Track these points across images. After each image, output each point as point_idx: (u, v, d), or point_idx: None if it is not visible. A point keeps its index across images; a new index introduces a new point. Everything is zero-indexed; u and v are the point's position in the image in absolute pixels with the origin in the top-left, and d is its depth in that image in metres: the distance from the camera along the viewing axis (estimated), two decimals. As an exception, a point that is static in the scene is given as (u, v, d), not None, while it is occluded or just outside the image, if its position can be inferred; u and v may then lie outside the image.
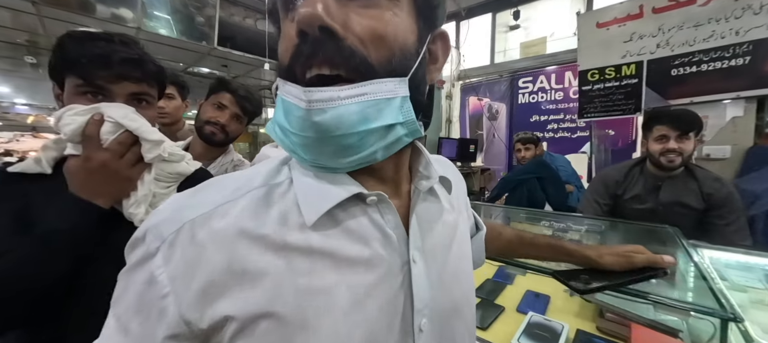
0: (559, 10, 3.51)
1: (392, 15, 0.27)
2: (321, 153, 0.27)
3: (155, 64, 0.60)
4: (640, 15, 2.52)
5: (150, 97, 0.60)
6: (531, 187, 1.95)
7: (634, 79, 2.57)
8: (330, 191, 0.28)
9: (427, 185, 0.34)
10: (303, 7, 0.24)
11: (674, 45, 2.39)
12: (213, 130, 0.98)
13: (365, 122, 0.25)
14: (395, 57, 0.27)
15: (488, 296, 0.98)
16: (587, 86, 2.78)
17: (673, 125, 1.19)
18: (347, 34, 0.25)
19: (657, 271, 0.52)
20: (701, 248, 0.96)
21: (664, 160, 1.20)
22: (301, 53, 0.25)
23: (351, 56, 0.25)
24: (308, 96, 0.24)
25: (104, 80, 0.53)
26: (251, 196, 0.29)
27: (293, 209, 0.29)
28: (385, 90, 0.26)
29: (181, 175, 0.65)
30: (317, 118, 0.24)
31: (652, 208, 1.28)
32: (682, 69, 2.37)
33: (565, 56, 3.28)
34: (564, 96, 3.39)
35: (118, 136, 0.51)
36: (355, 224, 0.29)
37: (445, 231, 0.37)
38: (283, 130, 0.28)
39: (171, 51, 3.55)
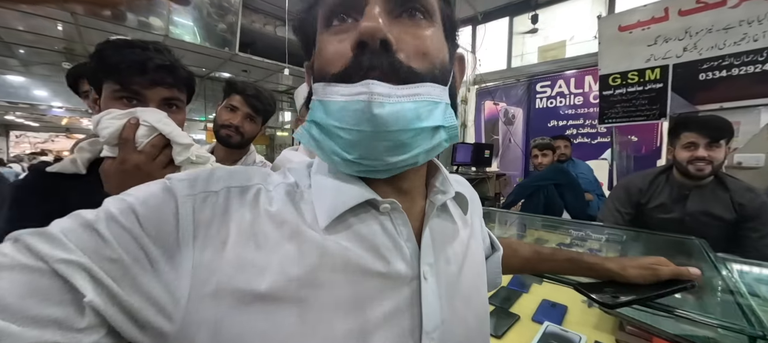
0: (579, 14, 3.44)
1: (433, 32, 0.30)
2: (372, 149, 0.27)
3: (185, 71, 0.63)
4: (666, 18, 2.43)
5: (180, 102, 0.63)
6: (548, 194, 1.90)
7: (659, 84, 2.47)
8: (344, 196, 0.30)
9: (442, 198, 0.35)
10: (366, 21, 0.27)
11: (702, 48, 2.29)
12: (228, 132, 1.02)
13: (418, 120, 0.27)
14: (437, 69, 0.30)
15: (503, 304, 0.97)
16: (608, 91, 2.70)
17: (703, 132, 1.14)
18: (400, 47, 0.28)
19: (685, 284, 0.50)
20: (730, 262, 0.91)
21: (692, 169, 1.15)
22: (361, 64, 0.27)
23: (401, 67, 0.27)
24: (370, 88, 0.26)
25: (140, 86, 0.57)
26: (278, 186, 0.31)
27: (310, 210, 0.30)
28: (434, 93, 0.29)
29: None
30: (377, 110, 0.25)
31: (679, 218, 1.23)
32: (711, 73, 2.27)
33: (585, 60, 3.21)
34: (584, 101, 3.30)
35: (152, 140, 0.53)
36: (367, 230, 0.30)
37: (459, 251, 0.36)
38: (325, 130, 0.29)
39: (195, 57, 3.71)
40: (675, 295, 0.50)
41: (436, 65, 0.30)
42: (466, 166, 3.52)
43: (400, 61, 0.27)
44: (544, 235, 1.54)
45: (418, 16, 0.30)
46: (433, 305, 0.31)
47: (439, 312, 0.31)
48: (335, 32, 0.30)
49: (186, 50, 3.47)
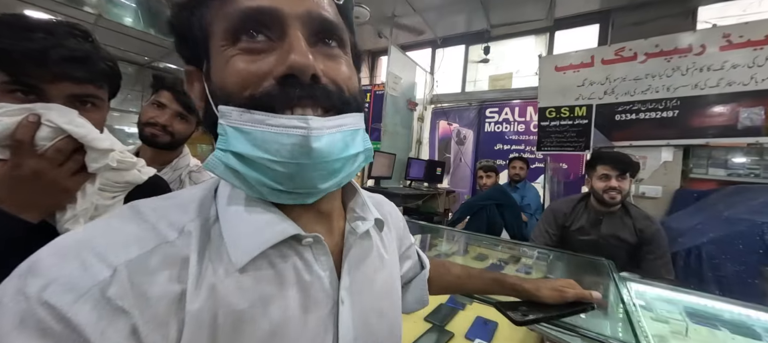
0: (524, 50, 3.82)
1: (347, 63, 0.32)
2: (306, 180, 0.27)
3: (107, 63, 0.53)
4: (591, 64, 2.81)
5: (97, 99, 0.52)
6: (491, 213, 2.03)
7: (585, 120, 2.83)
8: (264, 231, 0.28)
9: (363, 227, 0.35)
10: (297, 55, 0.26)
11: (618, 94, 2.69)
12: (153, 131, 0.90)
13: (346, 149, 0.29)
14: (356, 97, 0.31)
15: (441, 322, 0.99)
16: (545, 122, 3.02)
17: (614, 166, 1.32)
18: (326, 80, 0.29)
19: (586, 306, 0.56)
20: (630, 281, 1.05)
21: (607, 197, 1.33)
22: (289, 95, 0.26)
23: (330, 97, 0.28)
24: (309, 124, 0.26)
25: (38, 79, 0.46)
26: (188, 234, 0.27)
27: (222, 250, 0.27)
28: (354, 122, 0.30)
29: (130, 184, 0.59)
30: (316, 144, 0.26)
31: (595, 240, 1.40)
32: (624, 115, 2.67)
33: (528, 92, 3.55)
34: (525, 128, 3.64)
35: (57, 143, 0.44)
36: (288, 267, 0.29)
37: (373, 268, 0.37)
38: (250, 162, 0.26)
39: (135, 43, 3.35)
40: (582, 314, 0.56)
41: (354, 94, 0.31)
42: (419, 182, 3.63)
43: (327, 94, 0.28)
44: (485, 251, 1.64)
45: (333, 45, 0.30)
46: (347, 326, 0.32)
47: (352, 330, 0.32)
48: (246, 50, 0.27)
49: (124, 35, 3.12)
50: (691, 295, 1.10)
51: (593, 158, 1.43)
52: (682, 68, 2.44)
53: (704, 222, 1.68)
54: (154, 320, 0.23)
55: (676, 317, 1.00)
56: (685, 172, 2.48)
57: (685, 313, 1.03)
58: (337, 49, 0.31)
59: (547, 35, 3.64)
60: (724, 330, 0.96)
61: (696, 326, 0.95)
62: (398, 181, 3.61)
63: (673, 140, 2.47)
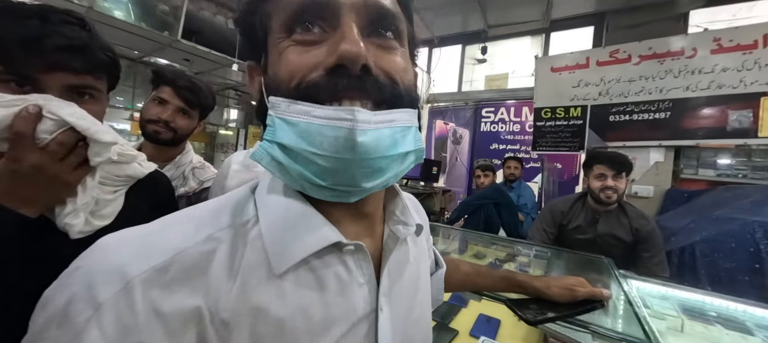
0: (520, 51, 3.86)
1: (403, 54, 0.30)
2: (350, 176, 0.26)
3: (106, 53, 0.51)
4: (587, 65, 2.86)
5: (95, 91, 0.50)
6: (488, 212, 2.05)
7: (580, 121, 2.88)
8: (306, 238, 0.27)
9: (404, 233, 0.34)
10: (348, 44, 0.25)
11: (612, 95, 2.74)
12: (156, 128, 0.88)
13: (395, 147, 0.27)
14: (410, 91, 0.29)
15: (443, 320, 1.00)
16: (541, 122, 3.06)
17: (610, 165, 1.35)
18: (378, 70, 0.27)
19: (596, 303, 0.57)
20: (629, 279, 1.07)
21: (603, 196, 1.35)
22: (336, 85, 0.25)
23: (382, 90, 0.27)
24: (356, 116, 0.24)
25: (33, 69, 0.44)
26: (217, 240, 0.26)
27: (261, 256, 0.26)
28: (407, 119, 0.28)
29: (132, 178, 0.57)
30: (361, 138, 0.24)
31: (592, 238, 1.42)
32: (618, 116, 2.71)
33: (523, 93, 3.58)
34: (520, 128, 3.68)
35: (59, 136, 0.42)
36: (329, 274, 0.28)
37: (412, 277, 0.37)
38: (294, 154, 0.25)
39: (126, 36, 3.26)
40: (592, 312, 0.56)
41: (408, 89, 0.29)
42: (415, 181, 3.63)
43: (379, 85, 0.27)
44: (483, 250, 1.65)
45: (389, 36, 0.29)
46: (386, 334, 0.31)
47: (390, 338, 0.31)
48: (299, 42, 0.27)
49: (115, 28, 3.04)
50: (686, 291, 1.13)
51: (590, 158, 1.45)
52: (675, 71, 2.49)
53: (696, 221, 1.73)
54: (165, 336, 0.22)
55: (672, 313, 1.02)
56: (675, 172, 2.54)
57: (680, 309, 1.05)
58: (393, 40, 0.29)
59: (542, 36, 3.68)
60: (717, 325, 0.99)
61: (691, 322, 0.98)
62: (394, 179, 3.61)
63: (665, 141, 2.52)
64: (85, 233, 0.48)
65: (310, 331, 0.26)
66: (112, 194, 0.54)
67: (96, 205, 0.51)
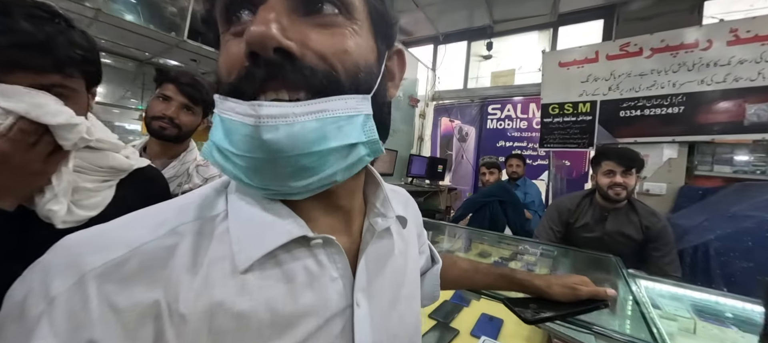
0: (527, 46, 3.79)
1: (352, 32, 0.26)
2: (272, 177, 0.24)
3: (77, 49, 0.46)
4: (596, 59, 2.78)
5: (67, 90, 0.47)
6: (493, 210, 2.01)
7: (589, 117, 2.81)
8: (268, 232, 0.26)
9: (383, 224, 0.32)
10: (254, 25, 0.22)
11: (623, 89, 2.66)
12: (161, 124, 0.90)
13: (324, 141, 0.23)
14: (360, 73, 0.26)
15: (445, 319, 0.98)
16: (548, 118, 3.00)
17: (619, 162, 1.30)
18: (305, 52, 0.24)
19: (599, 303, 0.54)
20: (638, 278, 1.04)
21: (611, 193, 1.31)
22: (254, 76, 0.23)
23: (312, 75, 0.23)
24: (257, 111, 0.22)
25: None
26: (180, 235, 0.25)
27: (226, 250, 0.25)
28: (346, 107, 0.24)
29: (118, 169, 0.56)
30: (268, 135, 0.22)
31: (599, 236, 1.38)
32: (629, 111, 2.64)
33: (530, 89, 3.52)
34: (528, 125, 3.61)
35: (19, 123, 0.40)
36: (298, 267, 0.27)
37: (397, 271, 0.35)
38: (224, 154, 0.24)
39: (135, 38, 3.32)
40: (594, 311, 0.54)
41: (358, 68, 0.25)
42: (421, 179, 3.61)
43: (306, 71, 0.23)
44: (488, 248, 1.62)
45: (330, 10, 0.25)
46: (364, 331, 0.29)
47: (370, 335, 0.30)
48: (234, 33, 0.25)
49: (124, 30, 3.09)
50: (699, 292, 1.09)
51: (598, 154, 1.41)
52: (688, 63, 2.41)
53: (711, 219, 1.66)
54: (119, 331, 0.21)
55: (684, 314, 0.98)
56: (689, 169, 2.46)
57: (693, 310, 1.01)
58: (337, 16, 0.25)
59: (550, 31, 3.60)
60: (733, 328, 0.95)
61: (704, 323, 0.94)
62: (399, 178, 3.59)
63: (678, 137, 2.45)
64: (70, 223, 0.48)
65: (275, 324, 0.25)
66: (96, 183, 0.53)
67: (78, 194, 0.50)
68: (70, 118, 0.43)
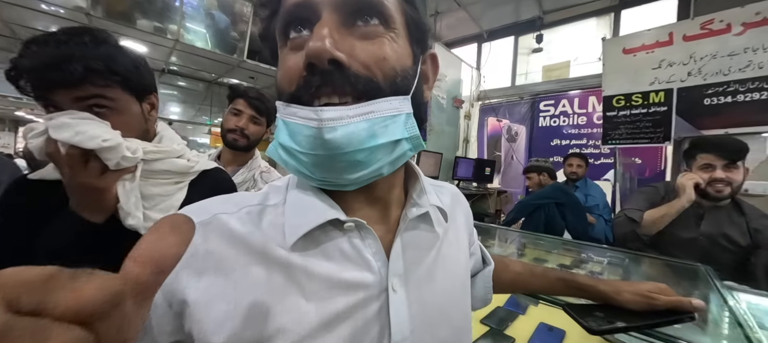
0: (583, 35, 3.47)
1: (390, 40, 0.29)
2: (331, 170, 0.28)
3: (101, 62, 0.49)
4: (670, 42, 2.44)
5: (107, 100, 0.51)
6: (550, 212, 1.86)
7: (663, 107, 2.46)
8: (309, 215, 0.30)
9: (416, 212, 0.34)
10: (313, 41, 0.26)
11: (707, 74, 2.29)
12: (234, 136, 1.05)
13: (373, 138, 0.27)
14: (398, 77, 0.29)
15: (499, 326, 0.93)
16: (612, 112, 2.69)
17: (719, 154, 1.11)
18: (352, 62, 0.27)
19: (682, 315, 0.47)
20: (737, 291, 0.87)
21: (711, 191, 1.12)
22: (310, 84, 0.27)
23: (357, 82, 0.27)
24: (320, 115, 0.26)
25: (39, 91, 0.47)
26: (246, 211, 0.31)
27: (279, 228, 0.30)
28: (390, 108, 0.28)
29: (185, 172, 0.63)
30: (328, 135, 0.26)
31: (693, 237, 1.18)
32: (716, 98, 2.26)
33: (589, 81, 3.22)
34: (587, 121, 3.30)
35: (68, 149, 0.45)
36: (333, 247, 0.30)
37: (437, 263, 0.36)
38: (289, 151, 0.29)
39: (205, 62, 3.78)
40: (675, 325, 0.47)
41: (396, 73, 0.29)
42: (468, 181, 3.50)
43: (352, 78, 0.27)
44: (544, 254, 1.51)
45: (373, 22, 0.29)
46: (402, 315, 0.31)
47: (408, 322, 0.31)
48: (291, 47, 0.29)
49: (197, 56, 3.54)
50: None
51: (692, 146, 1.22)
52: (797, 37, 1.99)
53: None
54: (207, 266, 0.27)
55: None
56: (805, 163, 2.02)
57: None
58: (378, 26, 0.29)
59: (611, 16, 3.27)
60: None
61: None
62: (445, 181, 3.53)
63: (787, 125, 2.03)
64: None
65: (315, 293, 0.28)
66: (165, 186, 0.60)
67: (151, 200, 0.57)
68: (100, 144, 0.46)
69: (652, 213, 1.23)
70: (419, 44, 0.33)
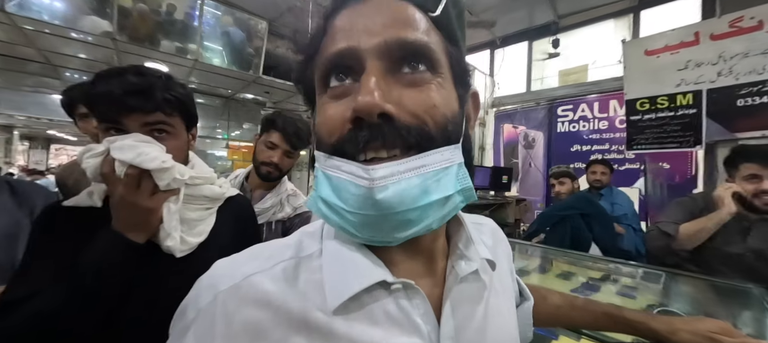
0: (601, 37, 3.38)
1: (437, 85, 0.27)
2: (379, 230, 0.26)
3: (172, 93, 0.57)
4: (696, 42, 2.34)
5: (168, 126, 0.58)
6: (575, 224, 1.78)
7: (693, 110, 2.35)
8: (355, 276, 0.28)
9: (466, 269, 0.31)
10: (362, 95, 0.25)
11: (739, 73, 2.17)
12: (269, 170, 1.04)
13: (426, 195, 0.25)
14: (448, 125, 0.27)
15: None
16: (636, 116, 2.59)
17: (766, 163, 1.04)
18: (401, 113, 0.26)
19: None
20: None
21: (758, 203, 1.06)
22: (358, 139, 0.25)
23: (408, 134, 0.25)
24: (371, 174, 0.24)
25: (116, 114, 0.53)
26: (281, 267, 0.29)
27: (318, 287, 0.28)
28: (442, 159, 0.26)
29: (214, 198, 0.66)
30: (380, 195, 0.24)
31: (739, 253, 1.10)
32: (751, 99, 2.13)
33: (609, 84, 3.12)
34: (609, 125, 3.18)
35: (127, 170, 0.50)
36: (379, 310, 0.28)
37: (488, 318, 0.33)
38: (332, 208, 0.27)
39: (222, 79, 3.89)
40: None
41: (446, 120, 0.27)
42: (484, 190, 3.42)
43: (402, 130, 0.25)
44: (571, 269, 1.43)
45: (421, 69, 0.27)
46: None
47: None
48: (333, 95, 0.28)
49: (215, 74, 3.65)
50: None
51: (735, 154, 1.16)
52: (839, 31, 1.87)
53: None
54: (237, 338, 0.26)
55: None
56: None
57: None
58: (425, 72, 0.27)
59: (630, 17, 3.17)
60: None
61: None
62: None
63: (833, 126, 1.89)
64: (186, 251, 0.58)
65: None
66: (200, 212, 0.63)
67: (187, 225, 0.59)
68: (161, 164, 0.51)
69: (689, 226, 1.15)
70: (463, 86, 0.31)
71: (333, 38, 0.27)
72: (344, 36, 0.27)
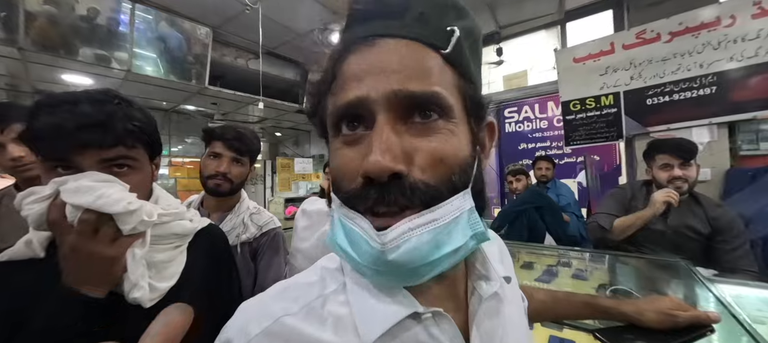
0: (537, 46, 3.76)
1: (449, 132, 0.27)
2: (395, 279, 0.27)
3: (134, 122, 0.50)
4: (612, 51, 2.72)
5: (130, 160, 0.50)
6: (531, 217, 1.95)
7: (614, 109, 2.72)
8: (386, 310, 0.28)
9: (488, 290, 0.32)
10: (373, 155, 0.24)
11: (646, 77, 2.58)
12: (217, 182, 0.95)
13: (438, 250, 0.25)
14: (456, 174, 0.27)
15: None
16: (570, 116, 2.92)
17: (675, 154, 1.24)
18: (412, 169, 0.26)
19: (704, 329, 0.50)
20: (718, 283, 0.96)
21: (672, 188, 1.24)
22: (368, 196, 0.26)
23: (417, 190, 0.25)
24: (382, 239, 0.25)
25: (67, 152, 0.45)
26: (309, 307, 0.29)
27: (348, 323, 0.29)
28: (452, 210, 0.26)
29: (182, 235, 0.58)
30: (392, 256, 0.24)
31: (661, 231, 1.29)
32: (656, 98, 2.54)
33: (546, 87, 3.47)
34: (548, 124, 3.54)
35: (82, 215, 0.42)
36: (413, 341, 0.28)
37: (506, 327, 0.34)
38: (349, 255, 0.27)
39: (159, 91, 3.51)
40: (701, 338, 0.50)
41: (455, 170, 0.27)
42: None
43: (414, 185, 0.25)
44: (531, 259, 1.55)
45: (432, 117, 0.27)
46: None
47: None
48: (345, 141, 0.28)
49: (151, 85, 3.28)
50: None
51: (650, 147, 1.35)
52: (713, 42, 2.32)
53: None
54: None
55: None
56: (733, 150, 2.32)
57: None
58: (437, 120, 0.27)
59: (558, 28, 3.58)
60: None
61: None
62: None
63: (715, 118, 2.33)
64: (155, 299, 0.50)
65: None
66: (168, 252, 0.55)
67: (155, 269, 0.51)
68: (126, 207, 0.44)
69: (621, 222, 1.34)
70: (477, 120, 0.31)
71: (343, 86, 0.27)
72: (355, 85, 0.26)
